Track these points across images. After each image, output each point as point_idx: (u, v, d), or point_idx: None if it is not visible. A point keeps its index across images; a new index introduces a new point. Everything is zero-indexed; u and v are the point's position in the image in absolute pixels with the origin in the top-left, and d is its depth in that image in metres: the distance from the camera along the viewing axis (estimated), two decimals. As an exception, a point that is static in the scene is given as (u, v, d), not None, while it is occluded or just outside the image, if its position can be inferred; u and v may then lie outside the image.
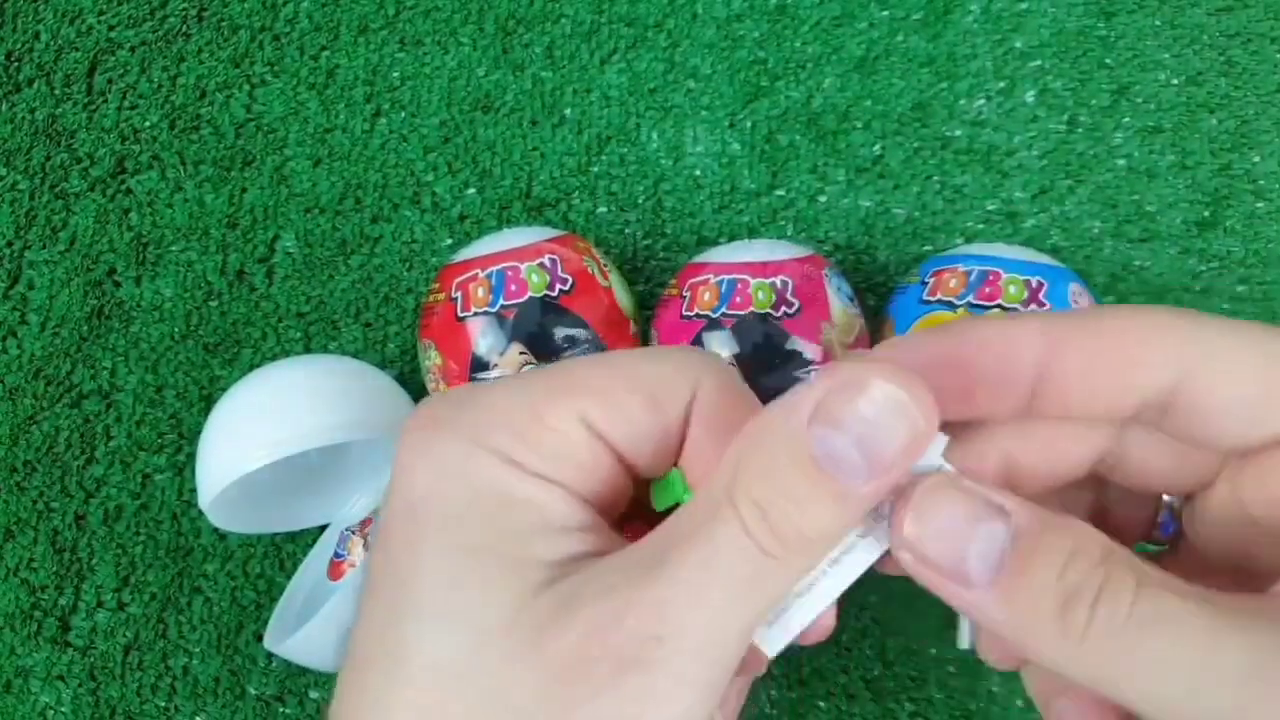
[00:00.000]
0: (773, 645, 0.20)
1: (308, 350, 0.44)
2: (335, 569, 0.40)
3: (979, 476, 0.19)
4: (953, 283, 0.36)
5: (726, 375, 0.21)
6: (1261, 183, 0.43)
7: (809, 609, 0.20)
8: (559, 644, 0.18)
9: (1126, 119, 0.44)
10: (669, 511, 0.21)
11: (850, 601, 0.41)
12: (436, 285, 0.38)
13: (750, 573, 0.18)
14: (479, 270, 0.37)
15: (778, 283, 0.36)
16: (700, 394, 0.21)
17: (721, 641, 0.19)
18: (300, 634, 0.35)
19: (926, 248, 0.44)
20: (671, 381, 0.21)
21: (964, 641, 0.39)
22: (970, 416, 0.20)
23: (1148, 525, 0.24)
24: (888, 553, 0.20)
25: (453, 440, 0.20)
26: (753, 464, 0.19)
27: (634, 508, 0.23)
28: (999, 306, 0.35)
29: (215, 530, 0.42)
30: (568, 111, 0.45)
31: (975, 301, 0.35)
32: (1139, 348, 0.19)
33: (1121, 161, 0.44)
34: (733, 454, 0.19)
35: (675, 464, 0.22)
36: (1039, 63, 0.44)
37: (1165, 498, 0.23)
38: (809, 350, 0.36)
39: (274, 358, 0.44)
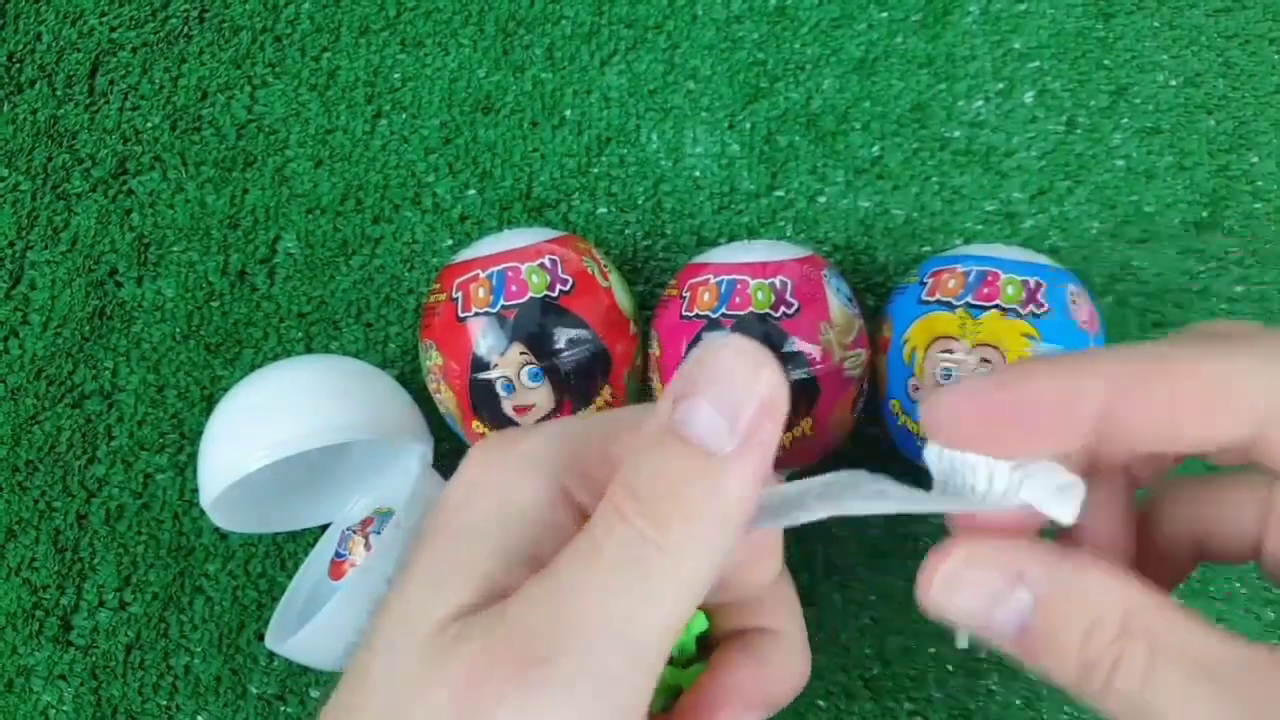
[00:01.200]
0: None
1: (309, 350, 0.44)
2: (336, 569, 0.40)
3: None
4: (951, 283, 0.36)
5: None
6: (1260, 183, 0.43)
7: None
8: (432, 674, 0.18)
9: (1125, 120, 0.44)
10: None
11: (849, 601, 0.41)
12: (437, 285, 0.38)
13: (642, 571, 0.18)
14: (480, 271, 0.37)
15: (777, 283, 0.36)
16: None
17: (626, 653, 0.18)
18: (302, 633, 0.36)
19: (925, 248, 0.44)
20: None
21: (963, 641, 0.39)
22: (1030, 453, 0.20)
23: None
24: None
25: (516, 458, 0.21)
26: (628, 464, 0.19)
27: None
28: (997, 307, 0.35)
29: (216, 530, 0.42)
30: (568, 113, 0.45)
31: (974, 301, 0.36)
32: (1214, 403, 0.19)
33: (1120, 162, 0.44)
34: (625, 466, 0.19)
35: None
36: (1038, 64, 0.45)
37: None
38: (809, 350, 0.36)
39: (275, 358, 0.44)
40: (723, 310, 0.36)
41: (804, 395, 0.36)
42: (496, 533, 0.20)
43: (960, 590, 0.20)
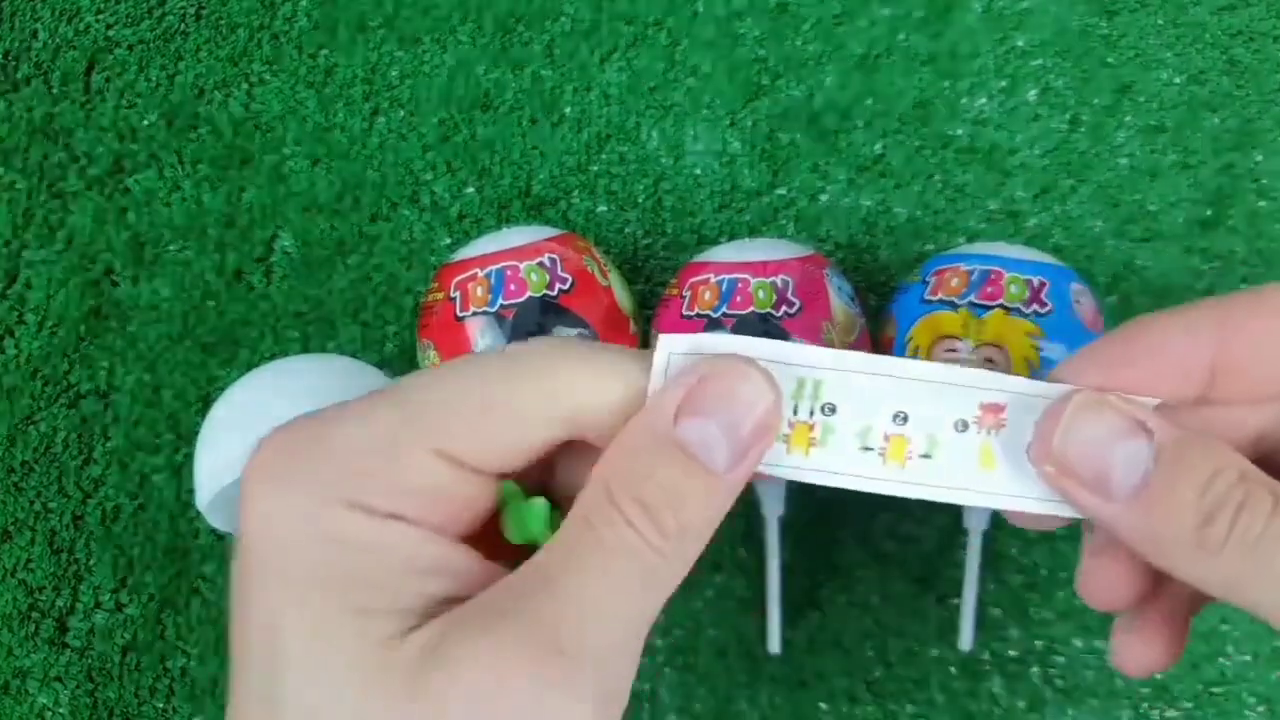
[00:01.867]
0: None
1: (306, 350, 0.44)
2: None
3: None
4: (954, 282, 0.36)
5: (601, 369, 0.20)
6: (1264, 181, 0.43)
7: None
8: (431, 686, 0.17)
9: (1128, 118, 0.44)
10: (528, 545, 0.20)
11: (852, 603, 0.41)
12: (435, 284, 0.38)
13: (643, 573, 0.19)
14: (478, 269, 0.37)
15: (778, 282, 0.36)
16: (577, 401, 0.20)
17: (623, 649, 0.19)
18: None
19: (928, 247, 0.43)
20: (535, 400, 0.20)
21: (966, 643, 0.39)
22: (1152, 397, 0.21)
23: None
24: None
25: (299, 493, 0.19)
26: (627, 468, 0.19)
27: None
28: (1001, 306, 0.35)
29: (213, 531, 0.42)
30: (567, 110, 0.45)
31: (977, 301, 0.35)
32: None
33: (1124, 160, 0.44)
34: (604, 467, 0.19)
35: (549, 483, 0.22)
36: (1041, 61, 0.44)
37: None
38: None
39: (272, 357, 0.44)
40: (724, 309, 0.36)
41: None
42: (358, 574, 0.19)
43: (1086, 427, 0.19)
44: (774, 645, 0.40)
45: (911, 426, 0.20)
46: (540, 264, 0.37)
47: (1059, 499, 0.20)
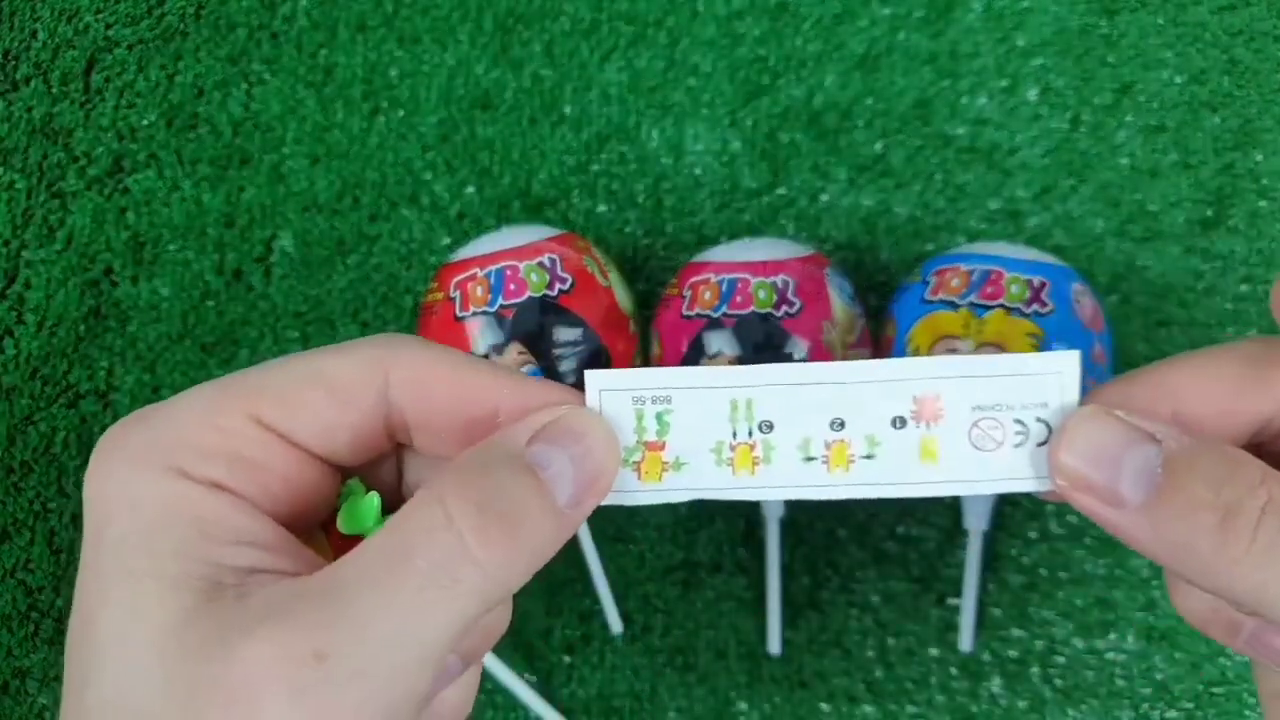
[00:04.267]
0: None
1: (305, 349, 0.44)
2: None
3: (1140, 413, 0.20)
4: (955, 282, 0.36)
5: (421, 355, 0.21)
6: (1265, 181, 0.43)
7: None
8: (206, 671, 0.17)
9: (1129, 117, 0.44)
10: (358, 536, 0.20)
11: (852, 603, 0.41)
12: (435, 284, 0.38)
13: (446, 578, 0.18)
14: (478, 269, 0.37)
15: (779, 282, 0.36)
16: (395, 379, 0.20)
17: (411, 665, 0.18)
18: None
19: (928, 246, 0.43)
20: (353, 372, 0.20)
21: (966, 643, 0.39)
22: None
23: None
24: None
25: (125, 459, 0.19)
26: (468, 470, 0.19)
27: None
28: (1001, 306, 0.35)
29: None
30: (567, 109, 0.45)
31: (977, 301, 0.35)
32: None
33: (1124, 160, 0.43)
34: (442, 475, 0.19)
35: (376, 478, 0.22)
36: (1041, 61, 0.44)
37: None
38: (811, 350, 0.36)
39: (271, 357, 0.44)
40: (724, 309, 0.36)
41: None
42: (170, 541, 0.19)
43: (1091, 437, 0.19)
44: (774, 645, 0.40)
45: (849, 430, 0.20)
46: (540, 264, 0.37)
47: (1007, 477, 0.20)
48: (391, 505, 0.20)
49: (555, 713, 0.41)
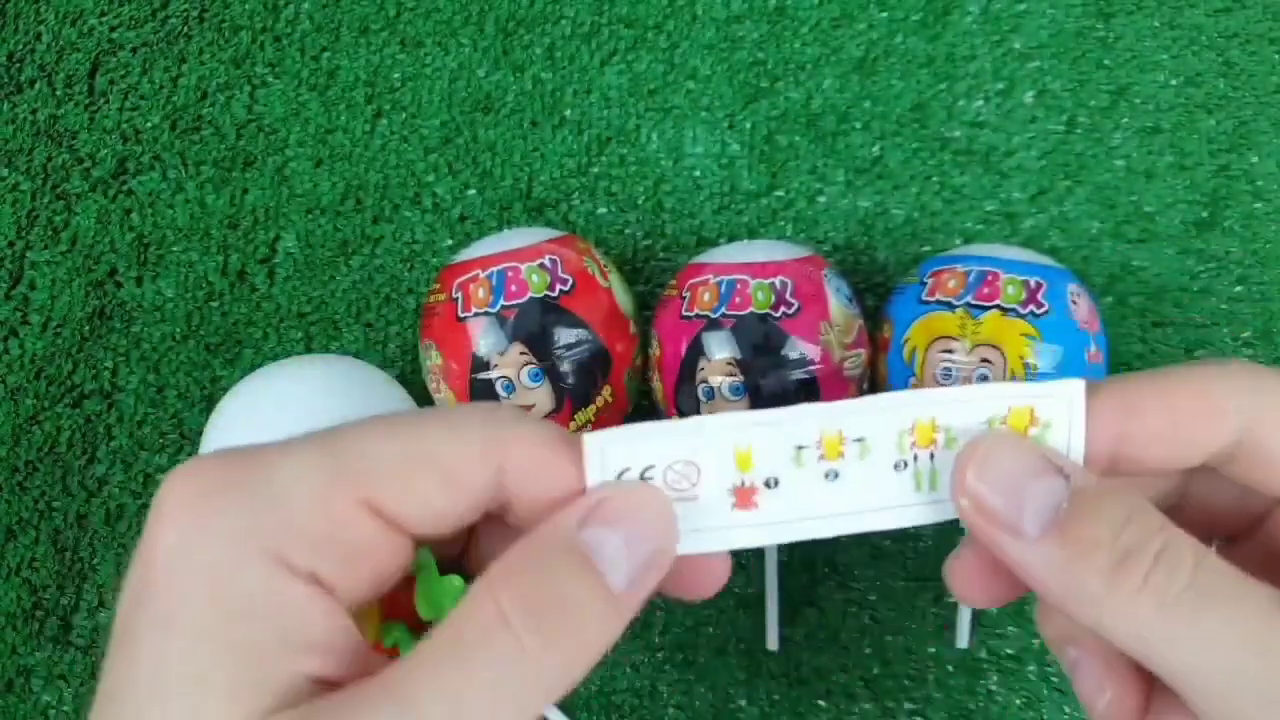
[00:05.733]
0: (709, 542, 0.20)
1: (309, 350, 0.44)
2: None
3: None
4: (951, 283, 0.36)
5: (534, 441, 0.20)
6: (1260, 183, 0.43)
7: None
8: None
9: (1125, 120, 0.44)
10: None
11: (849, 600, 0.41)
12: (437, 286, 0.38)
13: (503, 676, 0.17)
14: (479, 271, 0.37)
15: (777, 283, 0.36)
16: (511, 467, 0.19)
17: None
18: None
19: (925, 248, 0.44)
20: (468, 458, 0.19)
21: (963, 641, 0.39)
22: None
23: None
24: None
25: (215, 535, 0.18)
26: (520, 563, 0.18)
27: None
28: (997, 307, 0.35)
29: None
30: (568, 112, 0.45)
31: (974, 301, 0.36)
32: (1205, 406, 0.19)
33: (1120, 162, 0.44)
34: (496, 567, 0.18)
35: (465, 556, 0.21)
36: (1038, 64, 0.45)
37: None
38: (809, 351, 0.36)
39: (275, 358, 0.44)
40: (723, 310, 0.36)
41: (804, 396, 0.36)
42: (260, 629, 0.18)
43: (1000, 463, 0.19)
44: (773, 642, 0.40)
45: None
46: (541, 265, 0.37)
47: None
48: (454, 567, 0.20)
49: (555, 709, 0.41)
